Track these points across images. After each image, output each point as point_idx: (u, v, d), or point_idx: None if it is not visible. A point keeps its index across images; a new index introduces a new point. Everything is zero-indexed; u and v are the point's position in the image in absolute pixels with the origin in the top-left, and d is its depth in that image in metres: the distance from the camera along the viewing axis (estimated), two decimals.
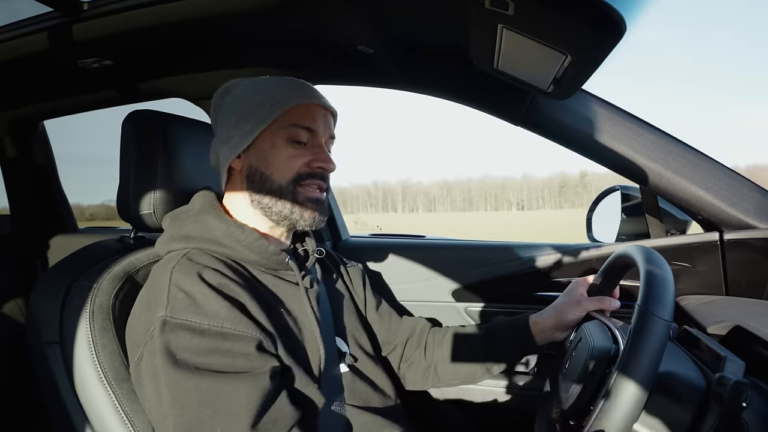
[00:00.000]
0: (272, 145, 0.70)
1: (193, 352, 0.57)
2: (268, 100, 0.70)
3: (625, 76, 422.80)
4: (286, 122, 0.70)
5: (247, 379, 0.58)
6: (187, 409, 0.56)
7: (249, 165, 0.72)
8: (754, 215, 0.88)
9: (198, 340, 0.58)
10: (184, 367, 0.57)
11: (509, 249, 1.17)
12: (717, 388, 0.51)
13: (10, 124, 1.47)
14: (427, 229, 21.17)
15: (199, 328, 0.58)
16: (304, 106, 0.71)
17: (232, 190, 0.74)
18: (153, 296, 0.62)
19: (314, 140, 0.73)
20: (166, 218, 0.74)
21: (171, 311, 0.59)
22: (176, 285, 0.61)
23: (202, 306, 0.60)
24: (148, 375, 0.60)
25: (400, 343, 0.92)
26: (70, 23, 0.83)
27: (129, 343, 0.65)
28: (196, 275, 0.62)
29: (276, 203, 0.71)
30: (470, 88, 1.01)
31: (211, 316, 0.59)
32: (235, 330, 0.59)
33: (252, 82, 0.74)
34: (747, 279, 0.91)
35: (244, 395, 0.56)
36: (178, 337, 0.58)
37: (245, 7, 0.79)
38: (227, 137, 0.71)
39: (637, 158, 0.91)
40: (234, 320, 0.60)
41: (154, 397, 0.60)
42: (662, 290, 0.54)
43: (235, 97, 0.73)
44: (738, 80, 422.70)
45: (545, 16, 0.56)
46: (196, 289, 0.60)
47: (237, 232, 0.68)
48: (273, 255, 0.70)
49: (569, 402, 0.62)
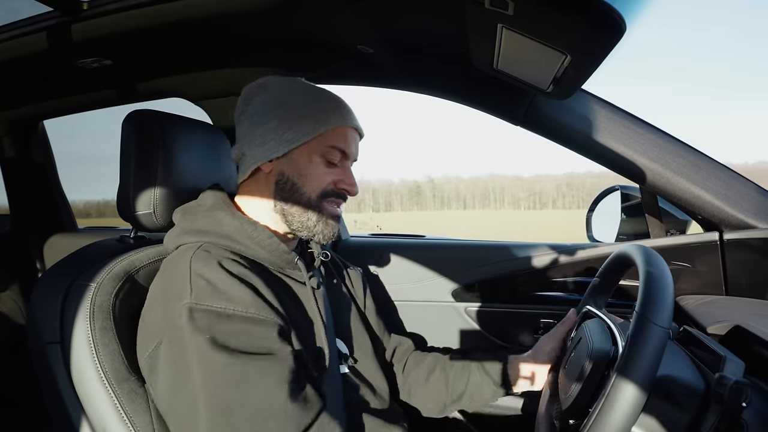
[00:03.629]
0: (309, 160, 0.72)
1: (225, 333, 0.58)
2: (313, 114, 0.71)
3: (622, 75, 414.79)
4: (326, 141, 0.72)
5: (277, 361, 0.59)
6: (221, 387, 0.56)
7: (281, 172, 0.72)
8: (754, 215, 0.88)
9: (225, 323, 0.58)
10: (217, 347, 0.57)
11: (509, 249, 1.17)
12: (717, 388, 0.51)
13: (10, 124, 1.47)
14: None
15: (225, 313, 0.59)
16: (343, 128, 0.73)
17: (253, 188, 0.75)
18: (173, 286, 0.62)
19: (345, 162, 0.75)
20: (177, 212, 0.74)
21: (196, 298, 0.59)
22: (197, 273, 0.61)
23: (225, 292, 0.60)
24: (168, 361, 0.59)
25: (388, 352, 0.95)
26: (70, 23, 0.83)
27: (143, 335, 0.64)
28: (216, 263, 0.63)
29: (301, 214, 0.72)
30: (470, 87, 1.01)
31: (236, 302, 0.60)
32: (260, 315, 0.61)
33: (290, 85, 0.74)
34: (747, 279, 0.91)
35: (277, 375, 0.58)
36: (206, 321, 0.58)
37: (245, 7, 0.79)
38: (263, 140, 0.72)
39: (637, 158, 0.91)
40: (257, 306, 0.61)
41: (174, 381, 0.59)
42: (661, 296, 0.53)
43: (272, 98, 0.73)
44: (735, 78, 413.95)
45: (545, 16, 0.56)
46: (218, 277, 0.61)
47: (250, 229, 0.69)
48: (283, 254, 0.71)
49: (568, 402, 0.62)
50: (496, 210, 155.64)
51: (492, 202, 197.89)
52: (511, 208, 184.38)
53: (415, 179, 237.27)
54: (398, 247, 1.26)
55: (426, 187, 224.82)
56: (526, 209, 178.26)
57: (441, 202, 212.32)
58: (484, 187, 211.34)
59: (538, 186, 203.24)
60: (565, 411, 0.64)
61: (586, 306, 0.80)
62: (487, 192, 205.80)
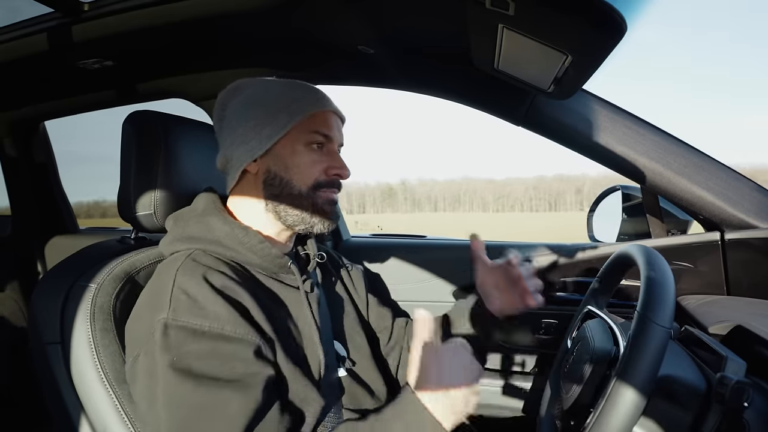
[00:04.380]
0: (292, 150, 0.71)
1: (192, 355, 0.58)
2: (287, 105, 0.71)
3: (624, 76, 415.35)
4: (305, 129, 0.71)
5: (242, 389, 0.58)
6: (180, 413, 0.56)
7: (267, 169, 0.72)
8: (755, 215, 0.88)
9: (197, 343, 0.58)
10: (180, 372, 0.57)
11: (509, 249, 1.17)
12: (718, 388, 0.51)
13: (11, 125, 1.47)
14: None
15: (199, 330, 0.58)
16: (322, 113, 0.73)
17: (243, 192, 0.74)
18: (156, 297, 0.62)
19: (329, 147, 0.74)
20: (170, 219, 0.74)
21: (173, 313, 0.59)
22: (180, 287, 0.61)
23: (203, 308, 0.60)
24: (143, 374, 0.60)
25: (398, 345, 0.93)
26: (71, 24, 0.83)
27: (128, 341, 0.65)
28: (201, 277, 0.62)
29: (295, 207, 0.71)
30: (471, 88, 1.01)
31: (211, 318, 0.59)
32: (235, 333, 0.60)
33: (263, 83, 0.74)
34: (748, 279, 0.91)
35: (237, 405, 0.57)
36: (178, 339, 0.58)
37: (245, 7, 0.79)
38: (244, 140, 0.71)
39: (638, 158, 0.91)
40: (234, 323, 0.60)
41: (147, 396, 0.60)
42: (662, 296, 0.53)
43: (248, 98, 0.72)
44: (737, 82, 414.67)
45: (546, 16, 0.56)
46: (199, 292, 0.61)
47: (240, 234, 0.68)
48: (275, 258, 0.70)
49: (570, 402, 0.62)
50: (465, 212, 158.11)
51: (462, 204, 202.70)
52: (480, 211, 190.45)
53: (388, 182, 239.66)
54: (399, 247, 1.26)
55: (398, 190, 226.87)
56: (494, 212, 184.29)
57: (413, 204, 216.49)
58: (457, 190, 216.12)
59: (508, 189, 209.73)
60: (566, 411, 0.64)
61: (587, 306, 0.79)
62: (458, 195, 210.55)
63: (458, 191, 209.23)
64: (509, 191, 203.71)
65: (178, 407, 0.56)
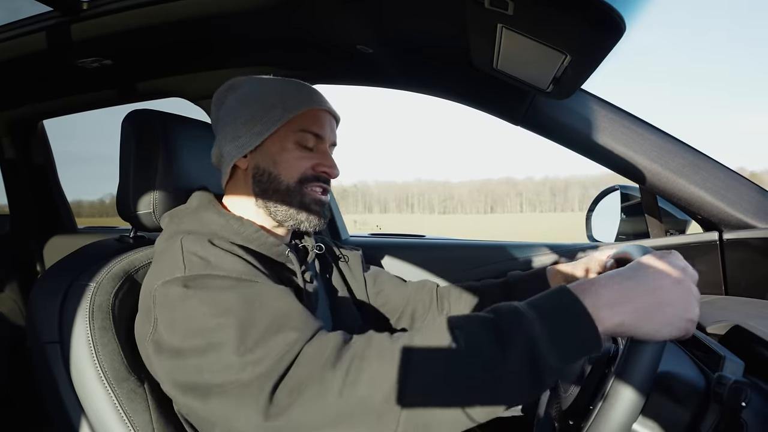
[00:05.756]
0: (281, 147, 0.71)
1: (220, 285, 0.57)
2: (280, 103, 0.71)
3: (622, 77, 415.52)
4: (296, 127, 0.71)
5: (276, 287, 0.59)
6: (236, 310, 0.54)
7: (256, 165, 0.72)
8: (754, 215, 0.88)
9: (221, 280, 0.58)
10: (216, 289, 0.56)
11: (509, 249, 1.17)
12: (716, 388, 0.51)
13: (10, 124, 1.47)
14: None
15: (219, 276, 0.58)
16: (314, 111, 0.73)
17: (235, 188, 0.75)
18: (166, 266, 0.61)
19: (320, 146, 0.74)
20: (164, 217, 0.74)
21: (189, 271, 0.58)
22: (189, 251, 0.61)
23: (218, 265, 0.60)
24: (168, 330, 0.56)
25: (409, 306, 0.92)
26: (70, 23, 0.83)
27: (141, 322, 0.62)
28: (206, 241, 0.63)
29: (283, 203, 0.72)
30: (470, 88, 1.01)
31: (229, 270, 0.59)
32: (256, 279, 0.60)
33: (258, 81, 0.74)
34: (746, 278, 0.91)
35: (281, 290, 0.58)
36: (202, 281, 0.57)
37: (245, 7, 0.79)
38: (234, 136, 0.72)
39: (637, 158, 0.91)
40: (251, 273, 0.60)
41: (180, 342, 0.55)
42: None
43: (242, 95, 0.73)
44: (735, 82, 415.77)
45: (545, 16, 0.56)
46: (210, 252, 0.61)
47: (236, 225, 0.69)
48: (272, 247, 0.71)
49: (568, 402, 0.62)
50: (411, 214, 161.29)
51: (409, 206, 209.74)
52: (427, 212, 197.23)
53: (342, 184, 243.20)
54: (398, 247, 1.26)
55: (351, 192, 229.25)
56: (440, 213, 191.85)
57: (364, 206, 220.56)
58: (408, 192, 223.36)
59: (455, 191, 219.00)
60: (564, 411, 0.64)
61: None
62: (407, 197, 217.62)
63: (409, 193, 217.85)
64: (455, 194, 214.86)
65: (230, 309, 0.54)
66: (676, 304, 0.48)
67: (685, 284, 0.49)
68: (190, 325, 0.55)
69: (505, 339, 0.47)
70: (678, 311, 0.48)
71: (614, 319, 0.47)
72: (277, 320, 0.54)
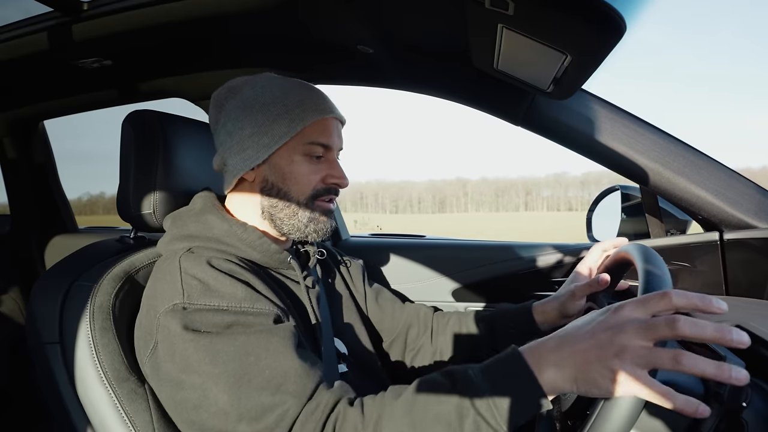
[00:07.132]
0: (290, 161, 0.70)
1: (218, 325, 0.58)
2: (286, 112, 0.69)
3: (625, 76, 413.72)
4: (304, 139, 0.70)
5: (275, 332, 0.59)
6: (231, 363, 0.55)
7: (264, 179, 0.71)
8: (755, 215, 0.87)
9: (220, 316, 0.58)
10: (213, 334, 0.57)
11: (509, 249, 1.17)
12: (716, 388, 0.51)
13: (10, 124, 1.47)
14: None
15: (219, 309, 0.59)
16: (322, 120, 0.71)
17: (240, 196, 0.74)
18: (164, 287, 0.62)
19: (329, 155, 0.73)
20: (167, 219, 0.74)
21: (188, 298, 0.59)
22: (188, 273, 0.61)
23: (217, 290, 0.60)
24: (167, 359, 0.58)
25: (403, 331, 0.92)
26: (70, 23, 0.83)
27: (140, 337, 0.64)
28: (205, 263, 0.62)
29: (291, 217, 0.71)
30: (470, 88, 1.01)
31: (228, 298, 0.59)
32: (254, 308, 0.60)
33: (260, 84, 0.72)
34: (747, 279, 0.91)
35: (279, 340, 0.58)
36: (200, 317, 0.58)
37: (245, 7, 0.79)
38: (240, 148, 0.70)
39: (637, 158, 0.91)
40: (251, 300, 0.60)
41: (177, 375, 0.58)
42: (660, 289, 0.53)
43: (245, 102, 0.71)
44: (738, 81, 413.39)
45: (545, 16, 0.56)
46: (209, 275, 0.61)
47: (239, 231, 0.68)
48: (275, 254, 0.71)
49: (568, 403, 0.62)
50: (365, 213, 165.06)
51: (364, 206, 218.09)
52: (381, 212, 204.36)
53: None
54: (398, 247, 1.26)
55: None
56: (391, 213, 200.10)
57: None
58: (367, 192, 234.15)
59: (407, 192, 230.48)
60: (564, 412, 0.64)
61: (587, 305, 0.79)
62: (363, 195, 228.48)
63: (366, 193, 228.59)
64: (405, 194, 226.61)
65: (224, 360, 0.56)
66: (599, 360, 0.46)
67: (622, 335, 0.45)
68: (187, 363, 0.57)
69: (461, 408, 0.50)
70: (599, 368, 0.46)
71: (558, 381, 0.49)
72: (275, 380, 0.55)
